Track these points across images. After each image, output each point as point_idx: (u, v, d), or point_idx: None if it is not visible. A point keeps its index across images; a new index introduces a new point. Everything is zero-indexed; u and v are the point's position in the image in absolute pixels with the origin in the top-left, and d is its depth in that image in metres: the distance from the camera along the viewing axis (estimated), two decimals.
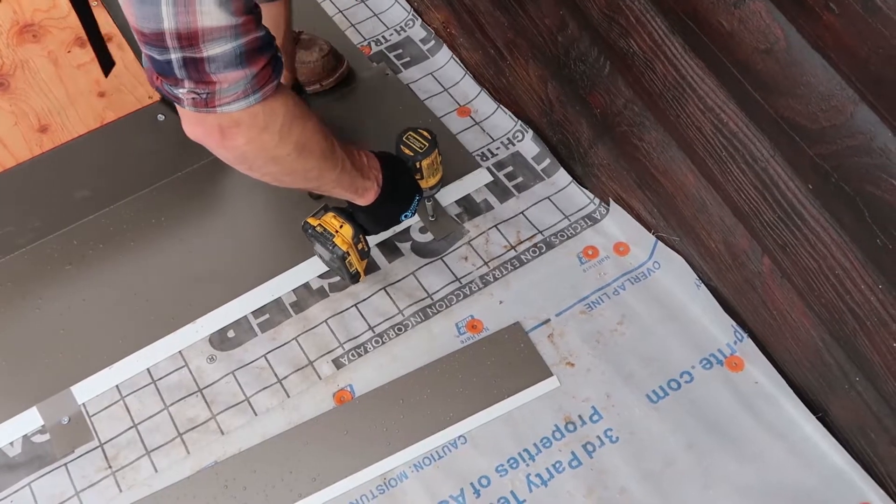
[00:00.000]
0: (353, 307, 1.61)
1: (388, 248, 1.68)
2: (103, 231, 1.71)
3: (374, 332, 1.58)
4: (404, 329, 1.58)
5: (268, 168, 1.25)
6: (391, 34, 2.05)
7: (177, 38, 1.00)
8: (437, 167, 1.57)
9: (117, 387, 1.54)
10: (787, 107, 1.14)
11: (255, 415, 1.50)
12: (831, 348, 1.33)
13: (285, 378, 1.54)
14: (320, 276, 1.64)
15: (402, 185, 1.52)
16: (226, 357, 1.57)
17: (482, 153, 1.81)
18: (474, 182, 1.76)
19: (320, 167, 1.31)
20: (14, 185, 1.73)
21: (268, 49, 1.10)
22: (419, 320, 1.59)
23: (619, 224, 1.67)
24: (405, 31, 2.05)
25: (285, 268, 1.65)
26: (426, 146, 1.53)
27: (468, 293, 1.61)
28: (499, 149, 1.82)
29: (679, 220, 1.55)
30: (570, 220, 1.70)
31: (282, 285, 1.64)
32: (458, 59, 1.97)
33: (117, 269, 1.67)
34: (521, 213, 1.71)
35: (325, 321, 1.60)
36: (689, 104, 1.34)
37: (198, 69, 1.04)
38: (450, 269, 1.65)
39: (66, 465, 1.47)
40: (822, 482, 1.37)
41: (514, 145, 1.82)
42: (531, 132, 1.82)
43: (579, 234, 1.68)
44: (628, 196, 1.65)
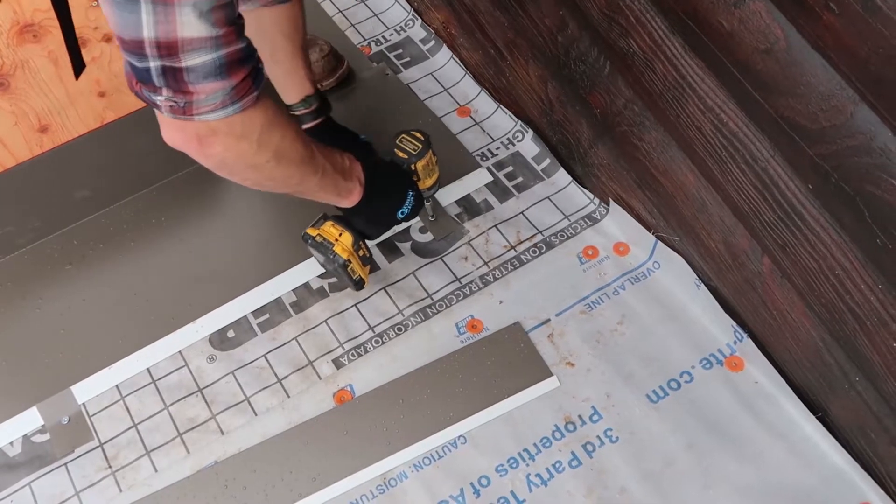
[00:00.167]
0: (353, 307, 1.61)
1: (388, 247, 1.68)
2: (103, 231, 1.72)
3: (374, 332, 1.58)
4: (404, 329, 1.58)
5: (247, 174, 1.26)
6: (391, 34, 2.05)
7: (156, 47, 1.01)
8: (433, 167, 1.58)
9: (117, 387, 1.54)
10: (788, 107, 1.14)
11: (255, 415, 1.50)
12: (831, 348, 1.33)
13: (285, 378, 1.54)
14: (320, 276, 1.64)
15: (387, 182, 1.52)
16: (226, 357, 1.57)
17: (482, 153, 1.81)
18: (474, 182, 1.76)
19: (301, 173, 1.32)
20: (14, 185, 1.73)
21: (249, 61, 1.10)
22: (419, 320, 1.59)
23: (619, 224, 1.67)
24: (405, 31, 2.05)
25: (285, 268, 1.65)
26: (420, 148, 1.53)
27: (468, 293, 1.61)
28: (499, 149, 1.82)
29: (679, 220, 1.55)
30: (570, 220, 1.70)
31: (282, 285, 1.64)
32: (458, 59, 1.97)
33: (117, 269, 1.67)
34: (521, 213, 1.71)
35: (325, 321, 1.60)
36: (689, 104, 1.34)
37: (176, 78, 1.04)
38: (450, 269, 1.65)
39: (66, 464, 1.47)
40: (822, 482, 1.37)
41: (514, 145, 1.82)
42: (531, 132, 1.82)
43: (579, 234, 1.68)
44: (628, 196, 1.65)
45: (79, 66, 1.39)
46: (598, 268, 1.63)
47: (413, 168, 1.54)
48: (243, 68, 1.09)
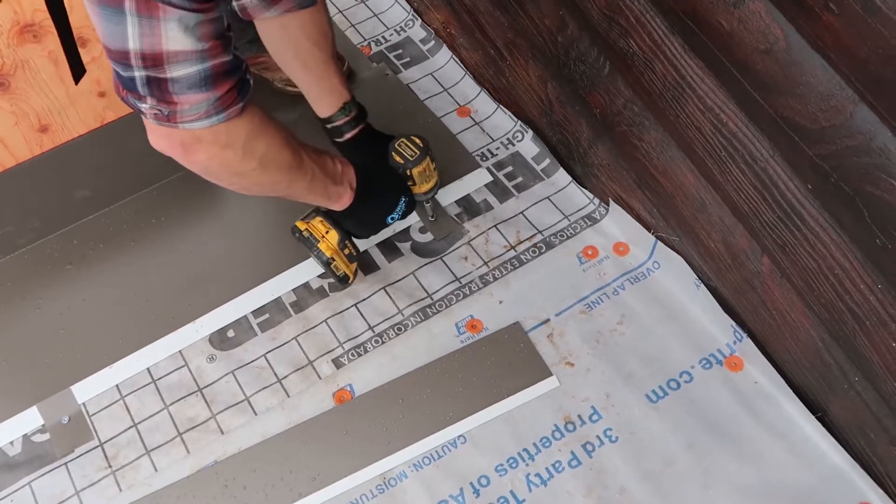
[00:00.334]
0: (352, 307, 1.61)
1: (388, 247, 1.68)
2: (103, 231, 1.72)
3: (373, 332, 1.58)
4: (404, 329, 1.58)
5: (233, 181, 1.27)
6: (391, 34, 2.05)
7: (141, 59, 1.02)
8: (431, 174, 1.58)
9: (117, 386, 1.54)
10: (787, 107, 1.14)
11: (255, 414, 1.50)
12: (831, 348, 1.33)
13: (285, 378, 1.54)
14: (320, 276, 1.64)
15: (380, 188, 1.52)
16: (226, 357, 1.57)
17: (482, 153, 1.81)
18: (474, 182, 1.76)
19: (288, 179, 1.32)
20: (14, 185, 1.73)
21: (235, 73, 1.10)
22: (419, 320, 1.59)
23: (618, 224, 1.67)
24: (405, 31, 2.05)
25: (285, 267, 1.65)
26: (417, 154, 1.53)
27: (468, 293, 1.61)
28: (498, 149, 1.82)
29: (679, 219, 1.55)
30: (569, 220, 1.70)
31: (281, 285, 1.64)
32: (457, 60, 1.97)
33: (117, 268, 1.67)
34: (521, 213, 1.71)
35: (325, 321, 1.60)
36: (688, 104, 1.35)
37: (160, 88, 1.05)
38: (449, 268, 1.65)
39: (66, 464, 1.47)
40: (821, 482, 1.37)
41: (513, 145, 1.82)
42: (531, 132, 1.82)
43: (579, 234, 1.68)
44: (628, 196, 1.65)
45: (78, 72, 1.39)
46: (598, 268, 1.63)
47: (409, 174, 1.54)
48: (229, 80, 1.09)
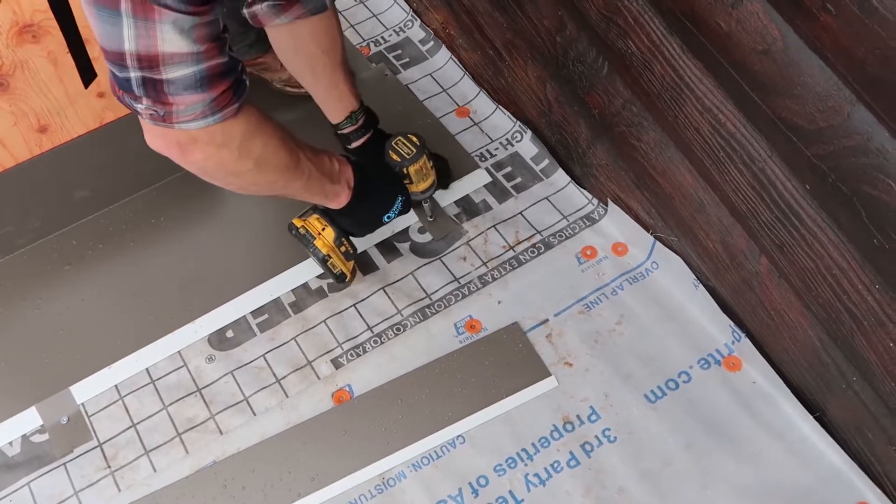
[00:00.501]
0: (351, 307, 1.61)
1: (387, 248, 1.68)
2: (102, 231, 1.72)
3: (372, 332, 1.58)
4: (403, 329, 1.58)
5: (229, 180, 1.27)
6: (390, 35, 2.05)
7: (137, 60, 1.02)
8: (427, 172, 1.58)
9: (116, 387, 1.54)
10: (785, 107, 1.14)
11: (254, 415, 1.50)
12: (829, 348, 1.33)
13: (284, 378, 1.54)
14: (319, 277, 1.64)
15: (377, 187, 1.52)
16: (225, 357, 1.57)
17: (481, 153, 1.81)
18: (473, 182, 1.76)
19: (285, 179, 1.32)
20: (13, 186, 1.73)
21: (230, 74, 1.11)
22: (418, 320, 1.59)
23: (617, 224, 1.67)
24: (404, 31, 2.05)
25: (284, 268, 1.65)
26: (413, 152, 1.53)
27: (467, 293, 1.61)
28: (497, 149, 1.82)
29: (677, 220, 1.55)
30: (568, 221, 1.70)
31: (280, 285, 1.64)
32: (456, 60, 1.97)
33: (116, 269, 1.67)
34: (520, 213, 1.72)
35: (324, 321, 1.60)
36: (686, 104, 1.35)
37: (156, 89, 1.05)
38: (448, 269, 1.65)
39: (65, 464, 1.47)
40: (819, 482, 1.37)
41: (512, 146, 1.82)
42: (530, 133, 1.82)
43: (578, 234, 1.68)
44: (626, 196, 1.66)
45: (88, 76, 1.39)
46: (597, 268, 1.63)
47: (405, 172, 1.54)
48: (224, 81, 1.10)
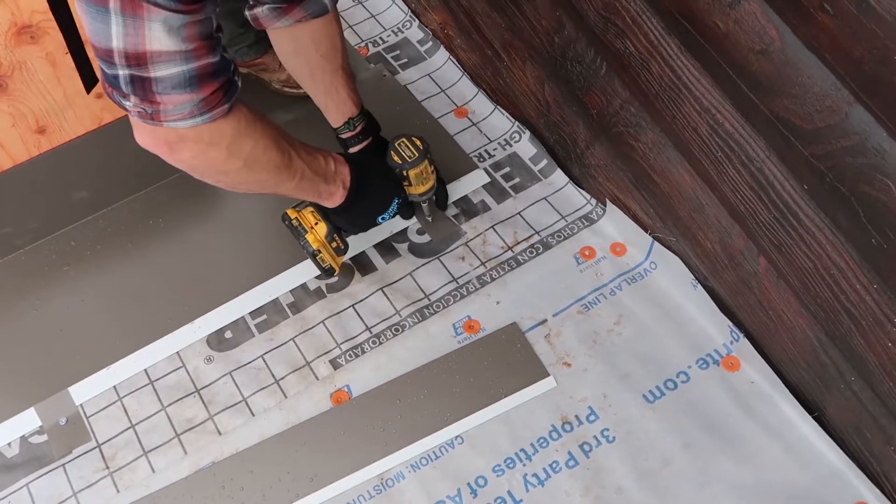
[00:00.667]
0: (350, 308, 1.61)
1: (386, 248, 1.68)
2: (101, 232, 1.72)
3: (371, 333, 1.58)
4: (401, 329, 1.58)
5: (219, 178, 1.27)
6: (389, 35, 2.05)
7: (125, 57, 1.02)
8: (428, 176, 1.57)
9: (115, 387, 1.54)
10: (783, 107, 1.15)
11: (253, 415, 1.50)
12: (827, 348, 1.33)
13: (283, 379, 1.54)
14: (317, 277, 1.64)
15: (373, 189, 1.52)
16: (223, 358, 1.57)
17: (479, 154, 1.81)
18: (471, 183, 1.76)
19: (276, 178, 1.32)
20: (12, 187, 1.73)
21: (221, 74, 1.10)
22: (416, 321, 1.59)
23: (615, 224, 1.67)
24: (403, 32, 2.06)
25: (282, 269, 1.65)
26: (416, 156, 1.52)
27: (465, 294, 1.61)
28: (496, 150, 1.82)
29: (675, 220, 1.55)
30: (566, 221, 1.70)
31: (279, 286, 1.64)
32: (455, 61, 1.97)
33: (115, 270, 1.67)
34: (519, 213, 1.72)
35: (323, 322, 1.60)
36: (685, 105, 1.35)
37: (144, 87, 1.05)
38: (447, 269, 1.65)
39: (63, 465, 1.47)
40: (818, 481, 1.37)
41: (511, 146, 1.82)
42: (528, 133, 1.82)
43: (576, 234, 1.68)
44: (625, 196, 1.66)
45: (90, 81, 1.40)
46: (595, 268, 1.63)
47: (405, 174, 1.54)
48: (214, 82, 1.09)
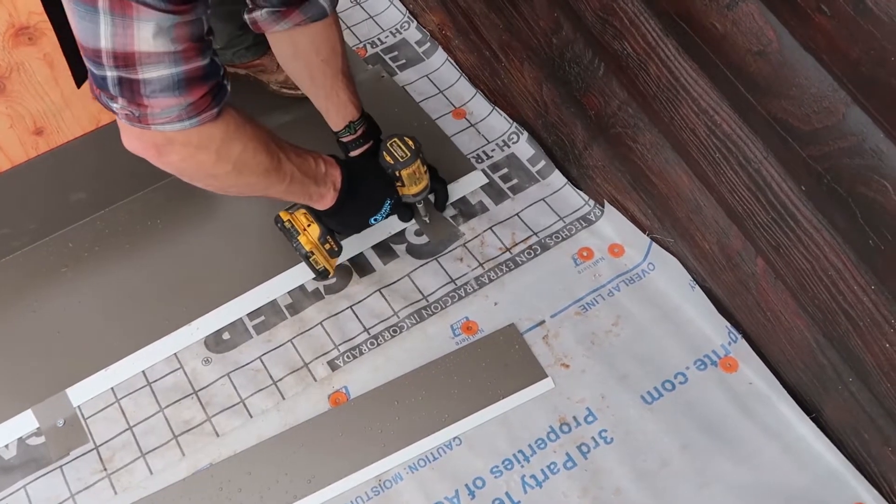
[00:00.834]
0: (348, 309, 1.61)
1: (384, 249, 1.68)
2: (99, 233, 1.72)
3: (369, 334, 1.58)
4: (399, 331, 1.58)
5: (208, 182, 1.27)
6: (387, 36, 2.05)
7: (113, 58, 1.01)
8: (421, 176, 1.57)
9: (112, 389, 1.54)
10: (780, 108, 1.15)
11: (251, 417, 1.50)
12: (825, 349, 1.33)
13: (280, 380, 1.54)
14: (315, 279, 1.64)
15: (364, 190, 1.51)
16: (221, 359, 1.57)
17: (477, 155, 1.81)
18: (470, 184, 1.76)
19: (265, 181, 1.31)
20: (9, 188, 1.73)
21: (210, 78, 1.09)
22: (414, 322, 1.59)
23: (613, 225, 1.67)
24: (400, 33, 2.05)
25: (280, 270, 1.65)
26: (408, 156, 1.52)
27: (463, 295, 1.61)
28: (494, 151, 1.82)
29: (673, 221, 1.55)
30: (564, 222, 1.70)
31: (277, 287, 1.64)
32: (453, 62, 1.97)
33: (113, 271, 1.67)
34: (517, 214, 1.72)
35: (321, 323, 1.60)
36: (682, 106, 1.35)
37: (132, 90, 1.04)
38: (445, 270, 1.65)
39: (61, 467, 1.47)
40: (816, 482, 1.37)
41: (509, 147, 1.82)
42: (526, 134, 1.82)
43: (574, 235, 1.68)
44: (623, 197, 1.66)
45: (81, 75, 1.39)
46: (593, 269, 1.63)
47: (398, 174, 1.54)
48: (203, 85, 1.08)
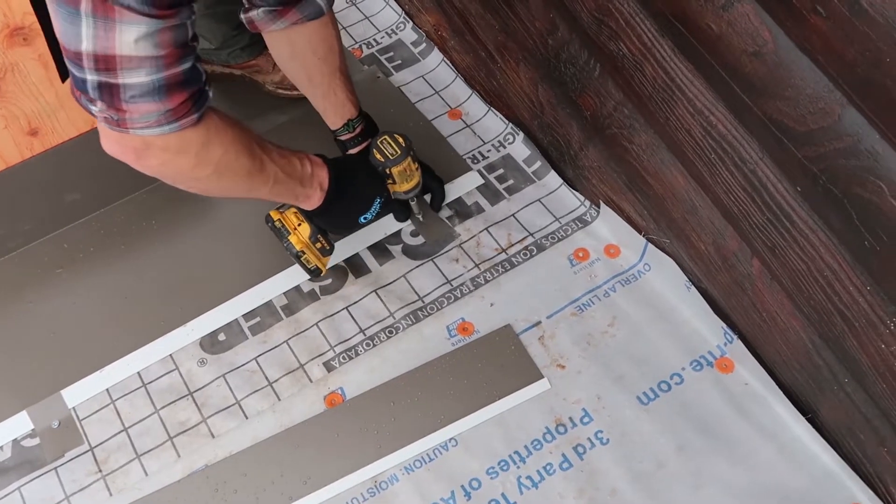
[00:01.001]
0: (343, 310, 1.61)
1: (379, 250, 1.68)
2: (94, 234, 1.71)
3: (364, 335, 1.58)
4: (395, 332, 1.58)
5: (189, 185, 1.26)
6: (382, 37, 2.05)
7: (94, 61, 1.00)
8: (412, 173, 1.57)
9: (108, 390, 1.54)
10: (776, 109, 1.15)
11: (246, 418, 1.50)
12: (820, 350, 1.33)
13: (276, 381, 1.54)
14: (310, 280, 1.64)
15: (353, 189, 1.50)
16: (216, 360, 1.56)
17: (473, 156, 1.81)
18: (465, 185, 1.76)
19: (248, 184, 1.31)
20: (4, 189, 1.73)
21: (191, 84, 1.09)
22: (410, 323, 1.58)
23: (609, 226, 1.67)
24: (396, 33, 2.05)
25: (276, 271, 1.65)
26: (398, 153, 1.52)
27: (459, 295, 1.61)
28: (490, 151, 1.82)
29: (669, 222, 1.55)
30: (560, 223, 1.70)
31: (272, 288, 1.63)
32: (449, 62, 1.97)
33: (108, 272, 1.66)
34: (512, 215, 1.71)
35: (316, 324, 1.60)
36: (678, 106, 1.35)
37: (111, 94, 1.04)
38: (441, 271, 1.65)
39: (56, 469, 1.46)
40: (812, 483, 1.38)
41: (504, 148, 1.82)
42: (522, 134, 1.82)
43: (570, 236, 1.68)
44: (619, 198, 1.66)
45: (65, 70, 1.39)
46: (589, 270, 1.63)
47: (388, 172, 1.54)
48: (184, 91, 1.08)
